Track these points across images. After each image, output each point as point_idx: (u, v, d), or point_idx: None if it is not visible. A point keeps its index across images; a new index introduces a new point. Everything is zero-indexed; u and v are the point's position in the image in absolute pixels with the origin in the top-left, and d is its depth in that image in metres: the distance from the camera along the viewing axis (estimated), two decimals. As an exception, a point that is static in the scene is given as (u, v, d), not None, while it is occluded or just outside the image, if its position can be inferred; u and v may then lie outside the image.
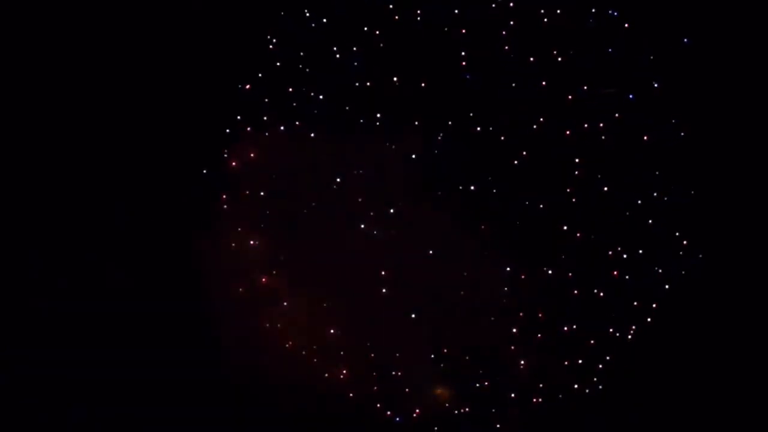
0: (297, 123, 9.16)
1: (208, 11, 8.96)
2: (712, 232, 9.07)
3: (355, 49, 9.07)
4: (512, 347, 9.21)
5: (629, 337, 9.19)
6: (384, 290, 9.18)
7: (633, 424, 9.26)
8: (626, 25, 9.04)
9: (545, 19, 9.11)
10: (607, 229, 9.17)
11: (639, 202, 9.15)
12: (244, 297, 9.14)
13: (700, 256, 9.02)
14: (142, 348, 9.11)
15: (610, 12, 9.06)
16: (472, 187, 9.19)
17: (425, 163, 9.19)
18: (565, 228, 9.16)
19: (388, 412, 9.18)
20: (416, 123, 9.13)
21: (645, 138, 9.07)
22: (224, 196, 9.19)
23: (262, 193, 9.20)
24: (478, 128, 9.14)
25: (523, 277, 9.22)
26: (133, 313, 9.18)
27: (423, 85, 9.07)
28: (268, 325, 9.13)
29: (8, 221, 9.13)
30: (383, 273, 9.08)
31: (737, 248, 9.07)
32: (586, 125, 9.11)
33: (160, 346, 9.10)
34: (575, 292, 9.20)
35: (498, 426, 9.17)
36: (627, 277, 9.16)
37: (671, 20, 8.95)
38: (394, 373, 9.16)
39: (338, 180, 9.14)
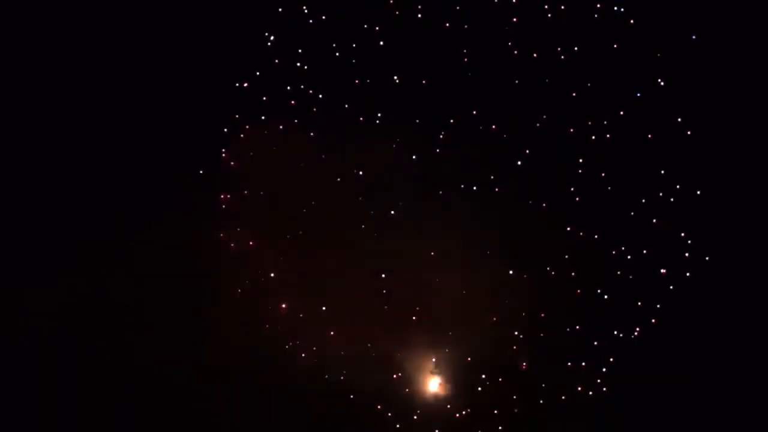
0: (296, 122, 9.08)
1: (206, 10, 8.85)
2: (717, 232, 8.93)
3: (354, 46, 8.95)
4: (514, 347, 9.14)
5: (633, 337, 9.09)
6: (384, 291, 9.12)
7: (637, 425, 9.16)
8: (631, 21, 8.88)
9: (549, 15, 8.96)
10: (611, 228, 9.06)
11: (643, 201, 9.04)
12: (243, 298, 9.09)
13: (707, 258, 8.89)
14: (142, 348, 9.06)
15: (615, 9, 8.89)
16: (474, 187, 9.10)
17: (426, 162, 9.11)
18: (569, 228, 9.07)
19: (389, 414, 9.14)
20: (417, 122, 9.03)
21: (649, 136, 8.94)
22: (223, 196, 9.13)
23: (261, 193, 9.14)
24: (480, 127, 9.04)
25: (525, 277, 9.14)
26: (132, 313, 9.12)
27: (424, 83, 8.96)
28: (267, 326, 9.08)
29: (8, 222, 9.09)
30: (383, 274, 9.02)
31: (743, 249, 8.93)
32: (589, 123, 8.99)
33: (159, 346, 9.04)
34: (578, 292, 9.11)
35: (500, 427, 9.11)
36: (631, 277, 9.06)
37: (678, 17, 8.78)
38: (394, 375, 9.12)
39: (338, 180, 9.06)
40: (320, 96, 9.02)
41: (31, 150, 9.05)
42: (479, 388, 9.10)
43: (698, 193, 8.93)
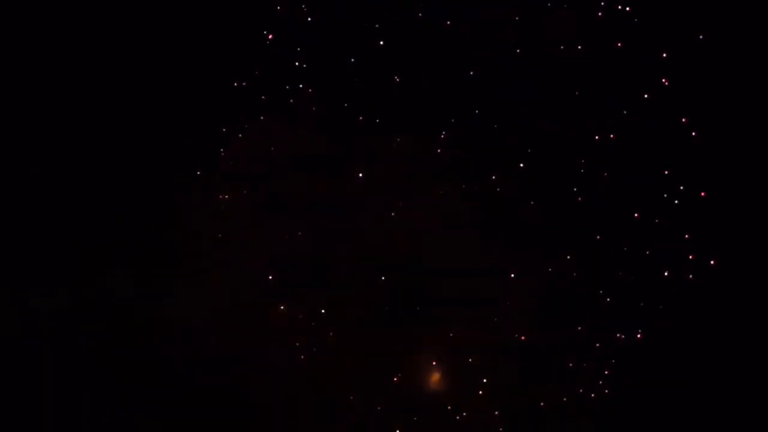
0: (296, 121, 9.05)
1: (206, 9, 8.84)
2: (721, 234, 8.85)
3: (354, 46, 8.91)
4: (515, 349, 9.09)
5: (635, 339, 9.04)
6: (384, 292, 9.10)
7: (638, 428, 9.10)
8: (636, 20, 8.80)
9: (551, 14, 8.89)
10: (613, 229, 9.00)
11: (646, 202, 8.97)
12: (242, 298, 9.09)
13: (711, 260, 8.81)
14: (142, 349, 9.07)
15: (619, 8, 8.81)
16: (475, 187, 9.05)
17: (426, 162, 9.06)
18: (570, 229, 9.01)
19: (389, 415, 9.11)
20: (417, 122, 8.98)
21: (653, 137, 8.86)
22: (222, 197, 9.11)
23: (261, 193, 9.13)
24: (481, 127, 8.99)
25: (526, 278, 9.09)
26: (132, 313, 9.13)
27: (424, 83, 8.92)
28: (266, 327, 9.07)
29: (8, 222, 9.11)
30: (383, 276, 8.99)
31: (747, 251, 8.85)
32: (592, 123, 8.92)
33: (159, 347, 9.04)
34: (579, 293, 9.05)
35: (500, 429, 9.07)
36: (633, 278, 9.00)
37: (684, 17, 8.69)
38: (394, 376, 9.10)
39: (338, 180, 9.04)
40: (320, 96, 8.99)
41: (31, 150, 9.07)
42: (480, 390, 9.06)
43: (702, 194, 8.86)
